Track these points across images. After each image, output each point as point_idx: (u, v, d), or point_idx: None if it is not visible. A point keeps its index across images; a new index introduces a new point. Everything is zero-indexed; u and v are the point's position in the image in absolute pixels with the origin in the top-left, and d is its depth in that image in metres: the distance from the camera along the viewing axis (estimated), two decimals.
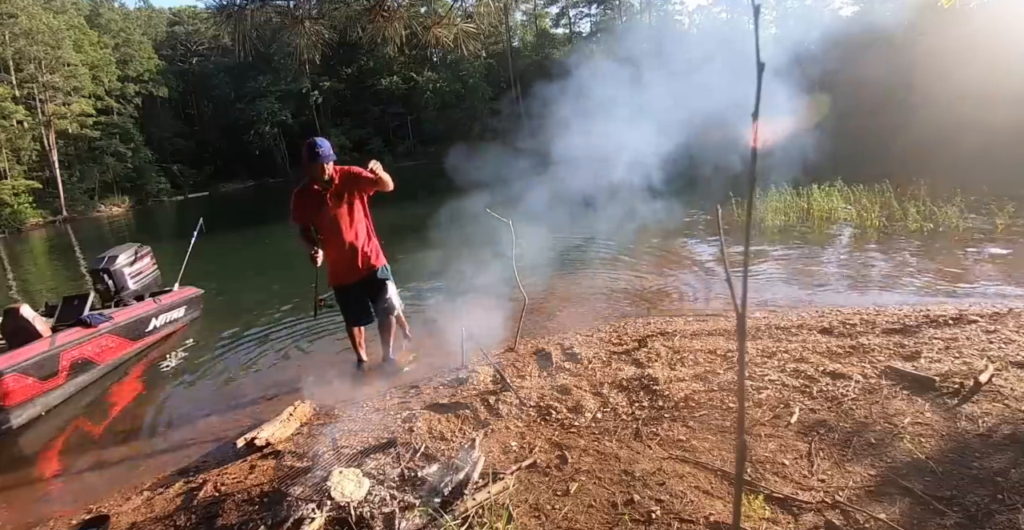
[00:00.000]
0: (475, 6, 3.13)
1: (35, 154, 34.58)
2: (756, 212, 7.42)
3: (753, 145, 0.62)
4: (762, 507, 1.87)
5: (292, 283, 7.73)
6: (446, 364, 3.73)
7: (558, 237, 7.09)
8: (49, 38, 35.06)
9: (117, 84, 41.92)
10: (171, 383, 4.48)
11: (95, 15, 45.14)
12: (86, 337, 4.45)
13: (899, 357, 2.91)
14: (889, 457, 2.08)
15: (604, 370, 3.26)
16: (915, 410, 2.36)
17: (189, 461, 3.02)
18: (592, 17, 48.71)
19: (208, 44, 51.92)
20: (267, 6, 2.77)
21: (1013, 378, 2.50)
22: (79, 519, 2.53)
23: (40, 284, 11.42)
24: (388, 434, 2.69)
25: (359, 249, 3.61)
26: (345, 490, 2.05)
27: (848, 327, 3.45)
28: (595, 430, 2.59)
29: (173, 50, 52.53)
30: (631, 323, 4.24)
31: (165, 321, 5.50)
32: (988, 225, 6.03)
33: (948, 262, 5.13)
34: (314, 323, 5.44)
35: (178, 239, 10.75)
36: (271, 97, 45.32)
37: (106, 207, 37.02)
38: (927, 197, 6.89)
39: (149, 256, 5.78)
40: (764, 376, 2.86)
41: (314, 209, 3.51)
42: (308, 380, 3.85)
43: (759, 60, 0.59)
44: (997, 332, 3.06)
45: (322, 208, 3.50)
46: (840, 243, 6.35)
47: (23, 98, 34.54)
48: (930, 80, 15.98)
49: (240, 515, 2.23)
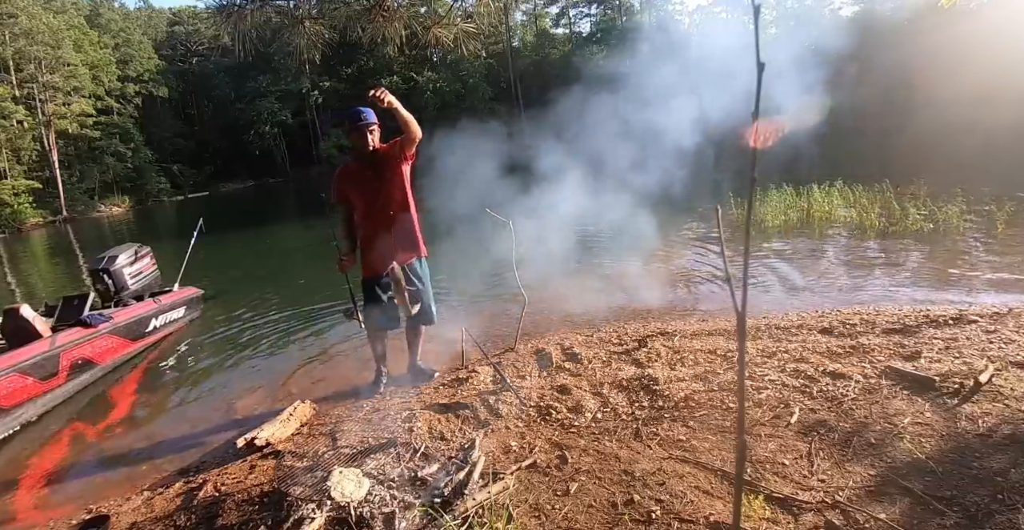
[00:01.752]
0: (475, 6, 3.13)
1: (35, 154, 34.57)
2: (756, 212, 7.42)
3: (753, 145, 0.62)
4: (762, 507, 1.87)
5: (292, 283, 7.75)
6: (446, 364, 3.73)
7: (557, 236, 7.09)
8: (49, 38, 35.05)
9: (117, 84, 41.93)
10: (171, 383, 4.47)
11: (95, 15, 45.15)
12: (86, 337, 4.45)
13: (899, 357, 2.91)
14: (889, 457, 2.08)
15: (604, 370, 3.26)
16: (915, 410, 2.36)
17: (189, 461, 3.02)
18: (592, 17, 48.70)
19: (208, 44, 51.89)
20: (267, 6, 2.77)
21: (1013, 378, 2.50)
22: (79, 519, 2.52)
23: (40, 284, 11.42)
24: (388, 434, 2.69)
25: (399, 231, 3.21)
26: (345, 490, 2.05)
27: (848, 327, 3.45)
28: (595, 430, 2.59)
29: (173, 50, 52.53)
30: (631, 323, 4.24)
31: (165, 321, 5.50)
32: (988, 225, 6.03)
33: (948, 262, 5.13)
34: (314, 322, 5.46)
35: (178, 239, 10.76)
36: (271, 97, 45.32)
37: (106, 207, 37.00)
38: (927, 197, 6.90)
39: (149, 256, 5.78)
40: (764, 376, 2.86)
41: (354, 185, 3.20)
42: (308, 380, 3.86)
43: (759, 60, 0.59)
44: (997, 332, 3.06)
45: (362, 183, 3.18)
46: (840, 243, 6.35)
47: (23, 98, 34.53)
48: (931, 80, 15.98)
49: (240, 515, 2.23)
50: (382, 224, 3.20)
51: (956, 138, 11.70)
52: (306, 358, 4.52)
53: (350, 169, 3.25)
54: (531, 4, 47.68)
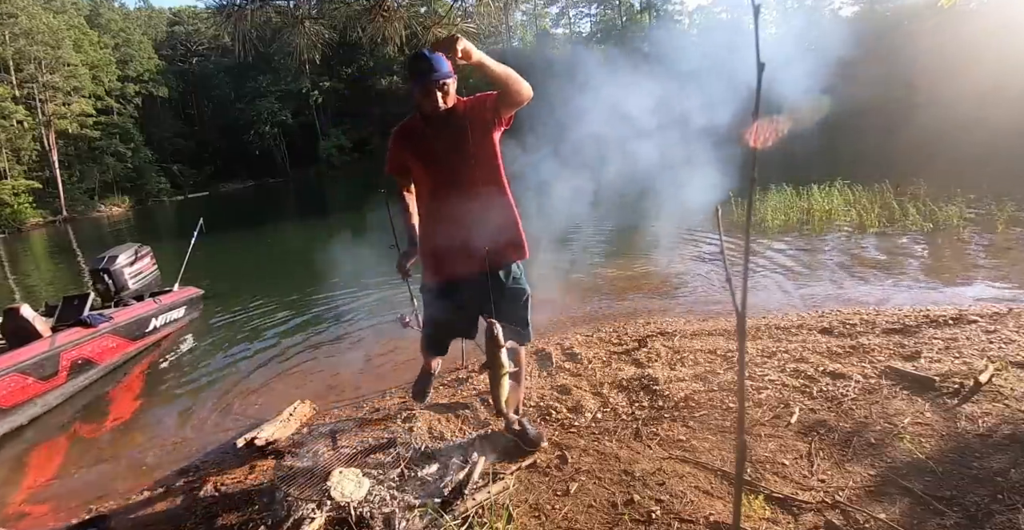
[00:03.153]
0: (475, 6, 3.13)
1: (35, 154, 34.62)
2: (756, 212, 7.42)
3: (753, 145, 0.62)
4: (762, 507, 1.87)
5: (292, 283, 7.74)
6: (446, 364, 3.73)
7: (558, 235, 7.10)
8: (49, 38, 35.10)
9: (117, 84, 41.99)
10: (171, 383, 4.47)
11: (95, 15, 45.20)
12: (86, 337, 4.45)
13: (899, 357, 2.91)
14: (889, 457, 2.08)
15: (604, 370, 3.26)
16: (915, 410, 2.36)
17: (189, 461, 3.02)
18: (592, 17, 48.75)
19: (208, 44, 51.94)
20: (267, 6, 2.77)
21: (1013, 378, 2.50)
22: (79, 519, 2.52)
23: (40, 284, 11.42)
24: (388, 434, 2.69)
25: (480, 221, 2.18)
26: (345, 490, 2.05)
27: (848, 327, 3.45)
28: (595, 430, 2.59)
29: (173, 50, 52.58)
30: (631, 323, 4.24)
31: (165, 321, 5.50)
32: (988, 225, 6.03)
33: (948, 262, 5.13)
34: (314, 322, 5.46)
35: (178, 239, 10.74)
36: (271, 97, 45.39)
37: (106, 207, 37.05)
38: (927, 197, 6.89)
39: (149, 256, 5.78)
40: (764, 376, 2.86)
41: (418, 150, 2.22)
42: (308, 380, 3.85)
43: (759, 60, 0.59)
44: (997, 332, 3.06)
45: (430, 149, 2.19)
46: (840, 243, 6.34)
47: (23, 98, 34.57)
48: (931, 80, 15.99)
49: (240, 515, 2.24)
50: (460, 208, 2.17)
51: (957, 137, 11.69)
52: (306, 358, 4.52)
53: (414, 127, 2.25)
54: (531, 4, 47.71)
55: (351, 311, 5.70)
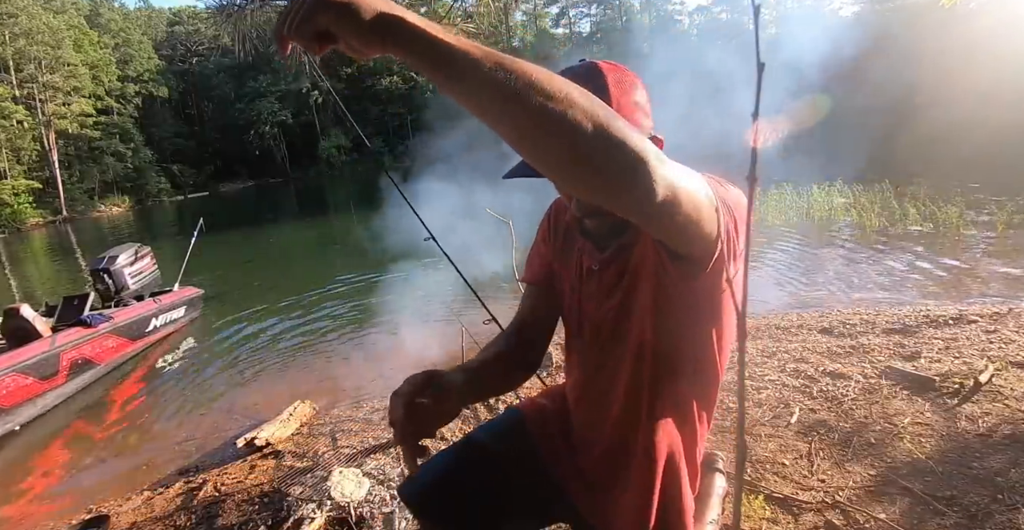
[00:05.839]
0: (475, 6, 3.13)
1: (35, 154, 34.60)
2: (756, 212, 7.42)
3: (753, 145, 0.62)
4: (762, 507, 1.87)
5: (292, 283, 7.74)
6: (446, 364, 3.73)
7: None
8: (49, 38, 35.09)
9: (117, 84, 41.97)
10: (171, 383, 4.48)
11: (95, 15, 45.18)
12: (86, 337, 4.45)
13: (899, 357, 2.91)
14: (889, 457, 2.08)
15: None
16: (915, 410, 2.36)
17: (189, 461, 3.02)
18: (592, 17, 48.75)
19: (208, 44, 51.87)
20: (267, 6, 2.77)
21: (1013, 378, 2.50)
22: (79, 519, 2.53)
23: (40, 284, 11.43)
24: (388, 434, 2.69)
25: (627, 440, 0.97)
26: (345, 490, 2.05)
27: (848, 327, 3.45)
28: None
29: (173, 50, 52.56)
30: None
31: (165, 321, 5.50)
32: (988, 225, 6.03)
33: (948, 262, 5.12)
34: (313, 323, 5.46)
35: (178, 239, 10.77)
36: (271, 97, 45.37)
37: (106, 207, 37.04)
38: (927, 197, 6.89)
39: (149, 256, 5.79)
40: (764, 376, 2.86)
41: (564, 263, 1.11)
42: (308, 380, 3.86)
43: (759, 60, 0.59)
44: (997, 332, 3.06)
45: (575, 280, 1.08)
46: (840, 243, 6.35)
47: (23, 98, 34.56)
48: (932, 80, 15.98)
49: (240, 515, 2.23)
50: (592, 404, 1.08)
51: (958, 137, 11.69)
52: (306, 358, 4.52)
53: (565, 222, 1.11)
54: (531, 4, 47.70)
55: (351, 311, 5.70)
